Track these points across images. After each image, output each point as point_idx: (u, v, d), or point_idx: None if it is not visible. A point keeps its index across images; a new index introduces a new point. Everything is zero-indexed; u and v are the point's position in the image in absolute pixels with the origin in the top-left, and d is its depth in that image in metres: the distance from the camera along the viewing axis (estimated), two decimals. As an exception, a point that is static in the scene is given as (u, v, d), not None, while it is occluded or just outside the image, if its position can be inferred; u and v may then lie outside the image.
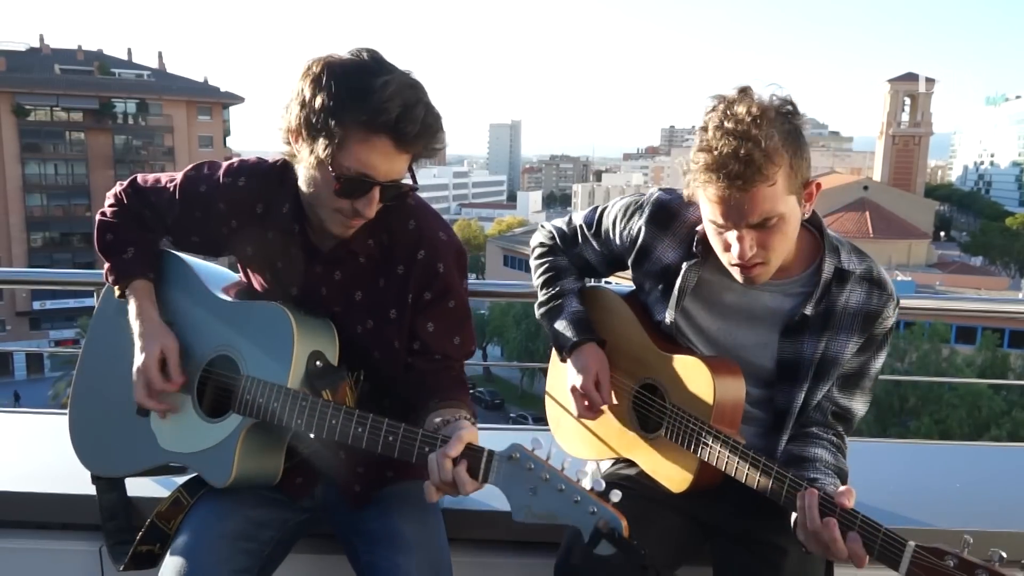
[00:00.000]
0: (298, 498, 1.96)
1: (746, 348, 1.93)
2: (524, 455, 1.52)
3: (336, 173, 1.67)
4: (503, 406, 39.65)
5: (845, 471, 1.88)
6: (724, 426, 1.83)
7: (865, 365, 1.93)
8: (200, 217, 1.94)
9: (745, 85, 1.73)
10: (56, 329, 48.69)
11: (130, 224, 2.00)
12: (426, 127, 1.65)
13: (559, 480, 1.48)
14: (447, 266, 1.89)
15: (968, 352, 34.17)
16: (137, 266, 1.96)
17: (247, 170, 1.93)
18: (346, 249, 1.86)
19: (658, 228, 1.99)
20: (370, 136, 1.63)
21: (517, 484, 1.51)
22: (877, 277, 1.89)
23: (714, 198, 1.72)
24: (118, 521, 2.08)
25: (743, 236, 1.74)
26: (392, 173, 1.70)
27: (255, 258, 1.95)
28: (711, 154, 1.67)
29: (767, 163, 1.65)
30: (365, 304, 1.89)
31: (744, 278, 1.82)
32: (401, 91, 1.62)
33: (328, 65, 1.65)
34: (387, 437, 1.65)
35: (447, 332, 1.91)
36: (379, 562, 1.79)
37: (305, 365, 1.76)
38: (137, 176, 2.06)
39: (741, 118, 1.66)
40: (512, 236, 62.99)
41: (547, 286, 2.20)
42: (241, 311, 1.90)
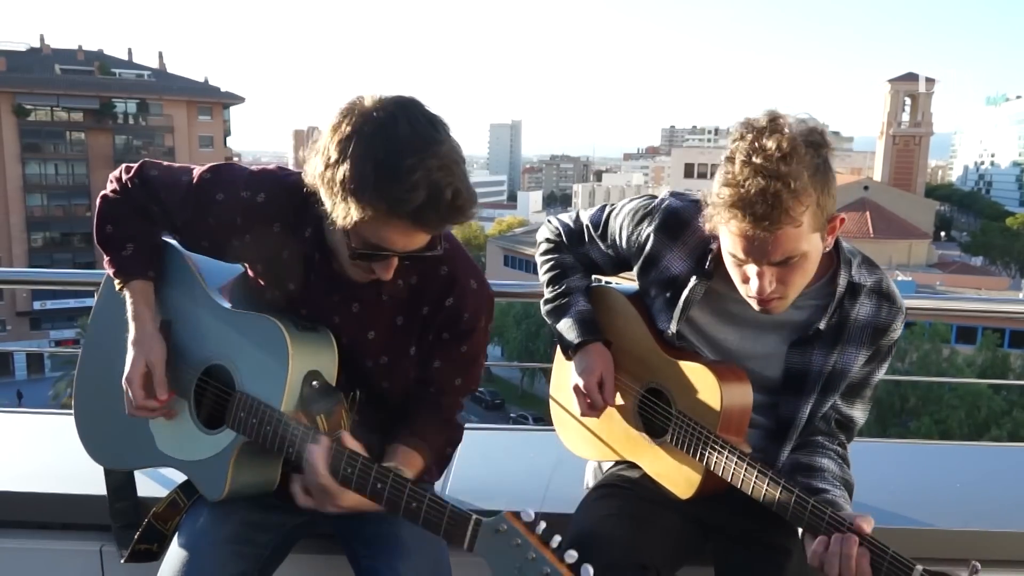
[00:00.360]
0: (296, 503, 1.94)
1: (753, 359, 1.91)
2: (511, 528, 1.46)
3: (352, 242, 1.62)
4: (503, 406, 39.64)
5: (851, 483, 1.88)
6: (731, 434, 1.82)
7: (869, 375, 1.92)
8: (213, 224, 1.83)
9: (775, 112, 1.66)
10: (56, 329, 48.71)
11: (133, 216, 1.89)
12: (453, 211, 1.55)
13: (545, 563, 1.42)
14: (473, 315, 1.84)
15: (968, 352, 34.16)
16: (136, 265, 1.89)
17: (268, 184, 1.82)
18: (373, 286, 1.77)
19: (667, 237, 1.96)
20: (390, 219, 1.55)
21: (503, 558, 1.46)
22: (887, 290, 1.88)
23: (737, 233, 1.66)
24: (125, 503, 2.08)
25: (763, 272, 1.70)
26: (412, 246, 1.63)
27: (266, 273, 1.88)
28: (736, 190, 1.60)
29: (795, 204, 1.59)
30: (378, 343, 1.84)
31: (761, 310, 1.79)
32: (429, 176, 1.50)
33: (357, 126, 1.54)
34: (375, 484, 1.60)
35: (452, 373, 1.88)
36: (378, 567, 1.78)
37: (300, 388, 1.72)
38: (146, 162, 1.92)
39: (770, 153, 1.58)
40: (512, 236, 62.91)
41: (553, 283, 2.18)
42: (239, 321, 1.82)
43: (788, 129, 1.63)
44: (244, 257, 1.89)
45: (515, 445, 3.02)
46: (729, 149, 1.66)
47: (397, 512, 1.58)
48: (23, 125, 51.89)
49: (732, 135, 1.68)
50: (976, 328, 35.61)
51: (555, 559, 1.42)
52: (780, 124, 1.63)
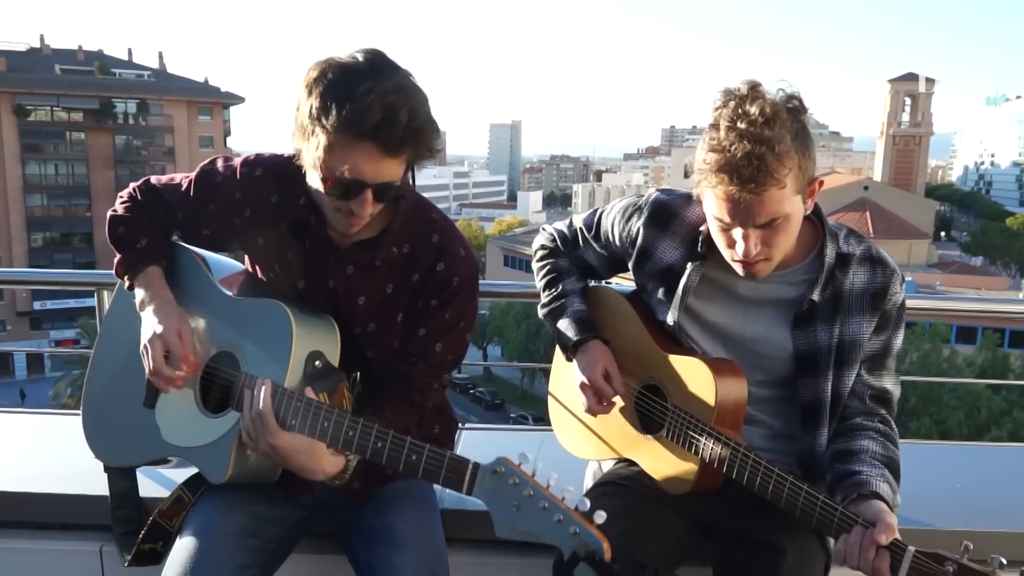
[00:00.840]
0: (298, 494, 1.96)
1: (757, 341, 1.92)
2: (509, 470, 1.51)
3: (325, 176, 1.69)
4: (503, 406, 39.68)
5: (896, 460, 1.85)
6: (726, 427, 1.83)
7: (886, 345, 1.92)
8: (214, 209, 1.95)
9: (754, 80, 1.73)
10: (56, 329, 48.71)
11: (142, 217, 2.01)
12: (412, 132, 1.65)
13: (542, 497, 1.47)
14: (461, 280, 1.90)
15: (968, 352, 34.16)
16: (150, 254, 1.97)
17: (263, 162, 1.95)
18: (369, 253, 1.87)
19: (657, 228, 2.00)
20: (352, 142, 1.64)
21: (501, 499, 1.50)
22: (877, 255, 1.90)
23: (722, 196, 1.71)
24: (127, 510, 2.09)
25: (748, 235, 1.75)
26: (382, 176, 1.70)
27: (266, 249, 1.95)
28: (723, 155, 1.66)
29: (779, 166, 1.65)
30: (368, 308, 1.90)
31: (746, 274, 1.83)
32: (383, 97, 1.61)
33: (323, 69, 1.67)
34: (376, 443, 1.65)
35: (433, 338, 1.90)
36: (376, 560, 1.80)
37: (303, 366, 1.77)
38: (151, 177, 2.09)
39: (754, 118, 1.65)
40: (512, 236, 62.97)
41: (549, 287, 2.21)
42: (244, 308, 1.91)
43: (768, 96, 1.70)
44: (245, 236, 1.96)
45: (515, 445, 3.02)
46: (712, 116, 1.72)
47: (398, 467, 1.64)
48: (23, 125, 51.90)
49: (714, 103, 1.74)
50: (976, 328, 35.61)
51: (551, 494, 1.47)
52: (760, 91, 1.71)
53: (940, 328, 33.66)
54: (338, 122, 1.62)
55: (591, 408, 2.04)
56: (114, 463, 2.07)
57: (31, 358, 45.75)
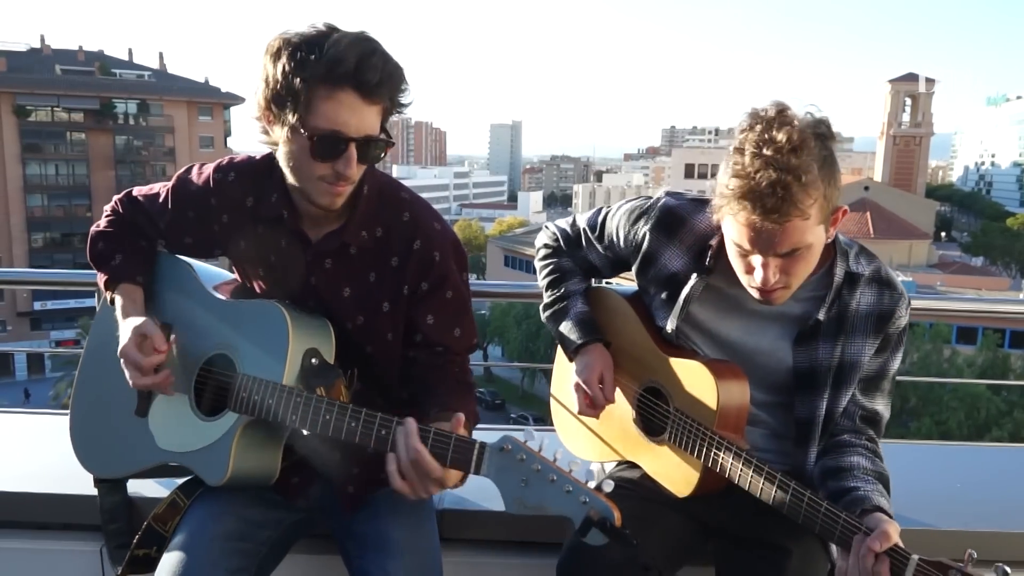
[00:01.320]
0: (293, 499, 1.95)
1: (758, 354, 1.91)
2: (516, 446, 1.52)
3: (308, 134, 1.67)
4: (504, 406, 39.63)
5: (886, 475, 1.85)
6: (728, 431, 1.82)
7: (883, 367, 1.91)
8: (193, 217, 1.96)
9: (783, 104, 1.67)
10: (57, 329, 48.69)
11: (122, 232, 2.02)
12: (387, 75, 1.67)
13: (550, 470, 1.48)
14: (443, 255, 1.88)
15: (969, 352, 34.14)
16: (124, 270, 1.97)
17: (236, 166, 1.95)
18: (339, 239, 1.85)
19: (664, 235, 1.96)
20: (333, 90, 1.64)
21: (509, 475, 1.51)
22: (886, 277, 1.87)
23: (745, 224, 1.66)
24: (119, 524, 2.09)
25: (768, 263, 1.70)
26: (364, 127, 1.69)
27: (248, 254, 1.95)
28: (747, 182, 1.61)
29: (804, 197, 1.60)
30: (354, 300, 1.88)
31: (763, 300, 1.79)
32: (356, 43, 1.64)
33: (283, 39, 1.68)
34: (379, 431, 1.65)
35: (447, 324, 1.90)
36: (368, 567, 1.80)
37: (300, 362, 1.76)
38: (133, 189, 2.09)
39: (780, 145, 1.59)
40: (513, 236, 62.94)
41: (552, 288, 2.20)
42: (238, 310, 1.90)
43: (797, 121, 1.63)
44: (226, 242, 1.96)
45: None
46: (737, 140, 1.66)
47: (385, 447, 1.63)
48: (23, 125, 51.89)
49: (740, 125, 1.68)
50: (976, 328, 35.58)
51: (559, 467, 1.47)
52: (789, 116, 1.64)
53: (940, 328, 33.64)
54: (316, 70, 1.62)
55: (581, 410, 2.04)
56: (106, 474, 2.06)
57: (31, 358, 45.73)
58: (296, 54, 1.64)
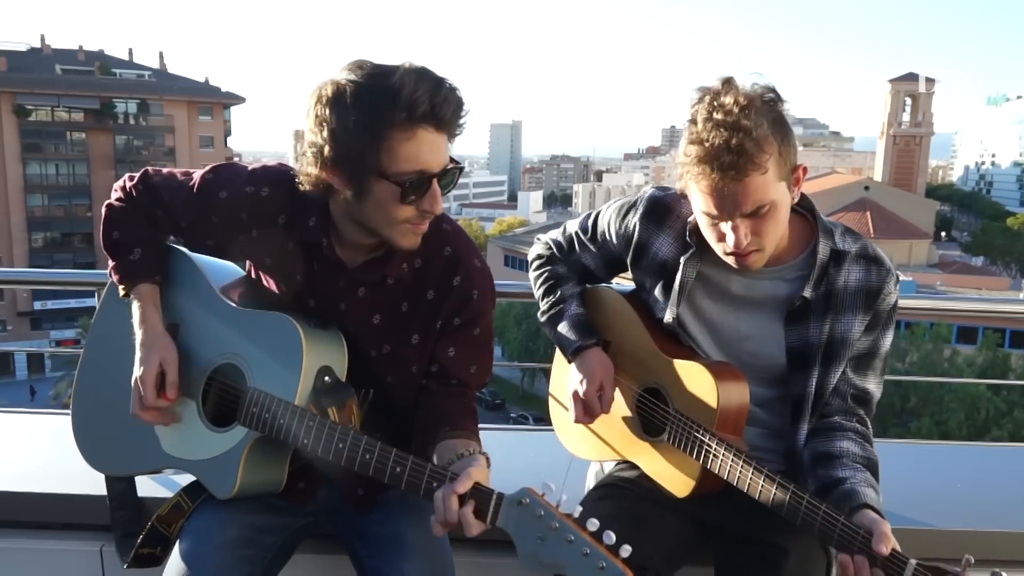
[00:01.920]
0: (301, 503, 1.94)
1: (752, 339, 1.92)
2: (534, 501, 1.48)
3: (394, 180, 1.62)
4: (504, 406, 39.65)
5: (875, 461, 1.86)
6: (728, 432, 1.82)
7: (874, 344, 1.92)
8: (218, 223, 1.87)
9: (728, 76, 1.75)
10: (57, 329, 48.70)
11: (139, 222, 1.92)
12: (458, 104, 1.64)
13: (569, 531, 1.44)
14: (481, 294, 1.85)
15: (969, 352, 34.15)
16: (143, 269, 1.90)
17: (271, 179, 1.84)
18: (379, 271, 1.81)
19: (653, 224, 2.00)
20: (413, 131, 1.59)
21: (525, 530, 1.48)
22: (873, 254, 1.90)
23: (707, 189, 1.72)
24: (127, 511, 2.07)
25: (737, 226, 1.75)
26: (442, 161, 1.66)
27: (273, 267, 1.89)
28: (703, 146, 1.68)
29: (758, 151, 1.67)
30: (383, 328, 1.84)
31: (740, 266, 1.82)
32: (422, 79, 1.59)
33: (338, 84, 1.60)
34: (394, 468, 1.62)
35: (467, 359, 1.87)
36: (383, 567, 1.78)
37: (313, 382, 1.73)
38: (148, 169, 1.96)
39: (729, 108, 1.67)
40: (513, 236, 63.02)
41: (548, 294, 2.20)
42: (250, 320, 1.84)
43: (743, 88, 1.72)
44: (250, 252, 1.91)
45: (515, 445, 3.02)
46: (689, 112, 1.74)
47: (418, 493, 1.61)
48: (24, 125, 51.89)
49: (691, 100, 1.75)
50: (977, 328, 35.60)
51: (578, 527, 1.45)
52: (734, 84, 1.73)
53: (941, 328, 33.65)
54: (395, 115, 1.56)
55: (577, 419, 2.04)
56: (109, 472, 2.05)
57: (32, 358, 45.74)
58: (367, 102, 1.57)
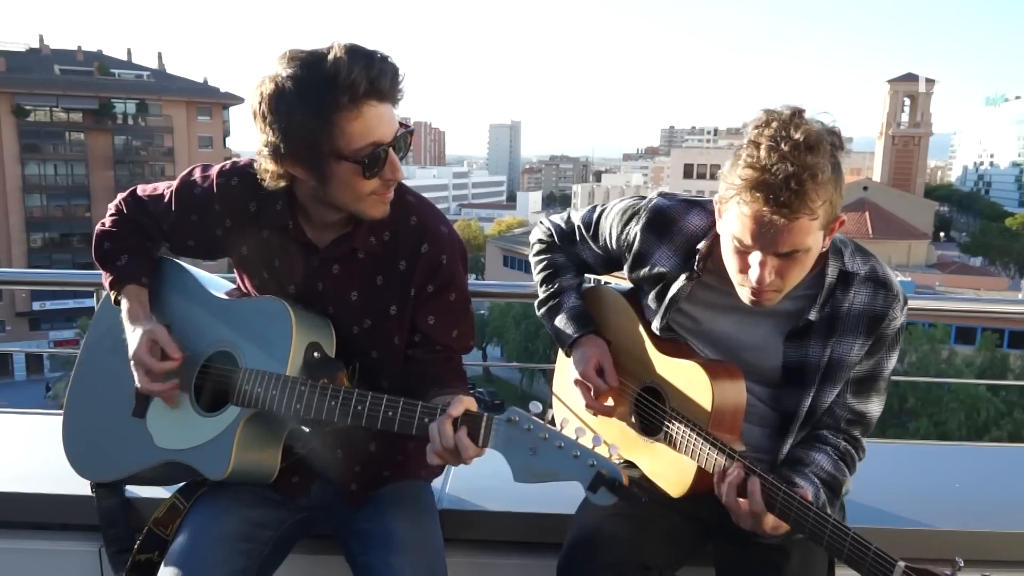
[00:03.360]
0: (294, 497, 1.96)
1: (749, 350, 1.91)
2: (523, 416, 1.55)
3: (352, 158, 1.67)
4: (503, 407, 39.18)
5: (840, 480, 1.86)
6: (723, 432, 1.82)
7: (877, 367, 1.90)
8: (196, 220, 1.96)
9: (797, 108, 1.67)
10: (56, 330, 48.66)
11: (127, 232, 2.02)
12: (393, 72, 1.67)
13: (558, 437, 1.50)
14: (450, 258, 1.90)
15: (968, 353, 34.14)
16: (131, 271, 1.98)
17: (239, 171, 1.93)
18: (347, 245, 1.86)
19: (654, 236, 1.97)
20: (359, 109, 1.64)
21: (517, 446, 1.54)
22: (882, 278, 1.86)
23: (751, 216, 1.64)
24: (118, 529, 2.08)
25: (765, 262, 1.69)
26: (392, 129, 1.71)
27: (251, 258, 1.95)
28: (762, 174, 1.60)
29: (816, 196, 1.60)
30: (361, 303, 1.89)
31: (752, 302, 1.77)
32: (352, 57, 1.62)
33: (277, 79, 1.64)
34: (387, 412, 1.66)
35: (447, 325, 1.92)
36: (373, 562, 1.79)
37: (303, 356, 1.78)
38: (138, 187, 2.08)
39: (798, 143, 1.59)
40: (512, 236, 62.93)
41: (546, 283, 2.20)
42: (240, 307, 1.92)
43: (812, 124, 1.65)
44: (229, 246, 1.96)
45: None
46: (751, 134, 1.66)
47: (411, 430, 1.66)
48: (22, 125, 51.82)
49: (754, 122, 1.68)
50: (975, 328, 35.59)
51: (565, 434, 1.50)
52: (804, 118, 1.66)
53: (939, 329, 33.63)
54: (339, 100, 1.61)
55: (588, 404, 2.03)
56: (101, 478, 2.06)
57: (30, 358, 45.69)
58: (306, 93, 1.62)
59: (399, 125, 1.74)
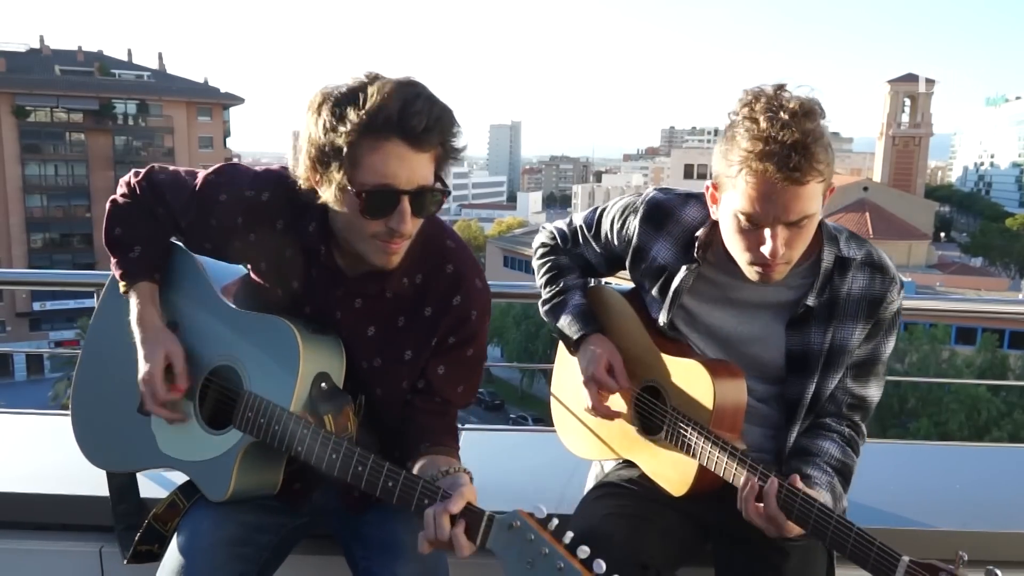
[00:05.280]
0: (296, 505, 1.94)
1: (752, 342, 1.92)
2: (525, 524, 1.46)
3: (356, 191, 1.59)
4: (503, 407, 39.67)
5: (850, 466, 1.87)
6: (724, 430, 1.82)
7: (876, 350, 1.92)
8: (215, 226, 1.86)
9: (781, 82, 1.70)
10: (56, 330, 48.68)
11: (140, 219, 1.92)
12: (435, 119, 1.58)
13: (559, 557, 1.42)
14: (480, 314, 1.84)
15: (968, 353, 34.16)
16: (143, 267, 1.91)
17: (273, 183, 1.83)
18: (379, 284, 1.79)
19: (652, 228, 1.99)
20: (379, 141, 1.56)
21: (515, 554, 1.46)
22: (878, 261, 1.88)
23: (758, 188, 1.65)
24: (128, 505, 2.07)
25: (777, 233, 1.69)
26: (415, 178, 1.60)
27: (269, 272, 1.88)
28: (768, 144, 1.61)
29: (824, 157, 1.64)
30: (376, 341, 1.83)
31: (762, 277, 1.77)
32: (397, 88, 1.56)
33: (325, 92, 1.61)
34: (387, 482, 1.61)
35: (456, 378, 1.86)
36: (376, 569, 1.78)
37: (309, 388, 1.73)
38: (155, 166, 1.96)
39: (794, 110, 1.62)
40: (512, 237, 62.98)
41: (550, 284, 2.21)
42: (249, 322, 1.83)
43: (798, 95, 1.68)
44: (247, 257, 1.90)
45: (515, 446, 3.02)
46: (743, 112, 1.68)
47: (409, 507, 1.60)
48: (23, 126, 51.86)
49: (743, 100, 1.69)
50: (975, 329, 35.61)
51: (568, 554, 1.43)
52: (789, 91, 1.69)
53: (939, 329, 33.65)
54: (357, 123, 1.54)
55: (596, 406, 2.01)
56: (107, 468, 2.06)
57: (31, 359, 45.71)
58: (337, 108, 1.56)
59: (436, 182, 1.65)
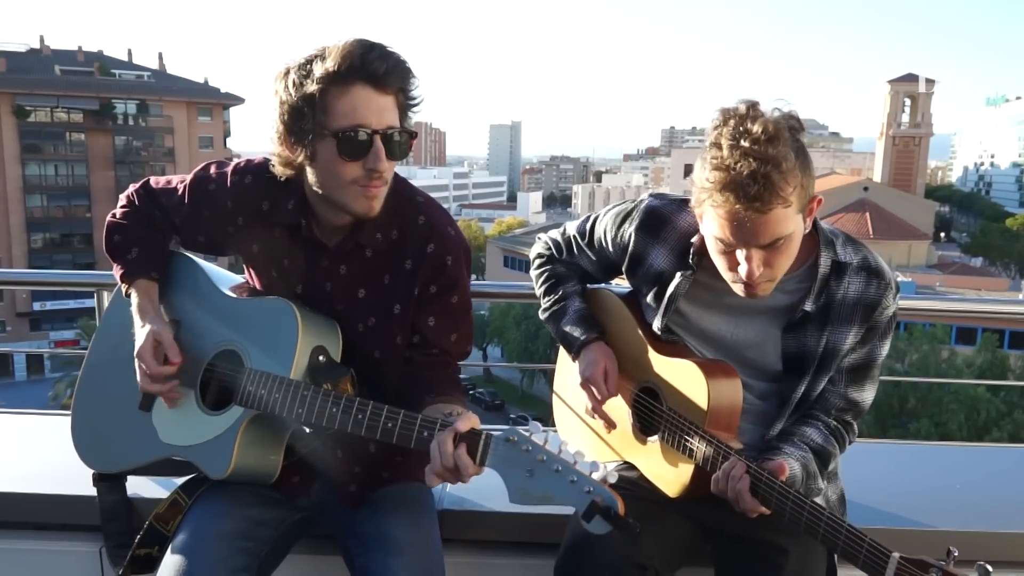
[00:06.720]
0: (295, 497, 1.97)
1: (748, 346, 1.93)
2: (521, 437, 1.53)
3: (331, 133, 1.68)
4: (503, 407, 39.65)
5: (829, 451, 1.89)
6: (720, 430, 1.83)
7: (871, 355, 1.93)
8: (208, 216, 1.97)
9: (752, 100, 1.70)
10: (56, 330, 48.65)
11: (138, 225, 2.03)
12: (393, 63, 1.69)
13: (555, 461, 1.49)
14: (455, 260, 1.90)
15: (968, 353, 34.13)
16: (141, 266, 1.99)
17: (253, 169, 1.95)
18: (354, 242, 1.87)
19: (648, 235, 1.99)
20: (346, 87, 1.66)
21: (514, 466, 1.52)
22: (874, 266, 1.89)
23: (727, 216, 1.68)
24: (119, 523, 2.09)
25: (751, 256, 1.72)
26: (384, 119, 1.71)
27: (260, 256, 1.97)
28: (727, 173, 1.63)
29: (784, 184, 1.63)
30: (368, 302, 1.90)
31: (747, 294, 1.80)
32: (355, 42, 1.68)
33: (287, 63, 1.73)
34: (386, 423, 1.66)
35: (447, 327, 1.92)
36: (371, 564, 1.80)
37: (308, 359, 1.78)
38: (150, 179, 2.09)
39: (757, 136, 1.63)
40: (512, 237, 63.01)
41: (549, 293, 2.22)
42: (247, 307, 1.93)
43: (769, 114, 1.68)
44: (239, 241, 1.97)
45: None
46: (712, 136, 1.70)
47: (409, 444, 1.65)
48: (23, 126, 51.82)
49: (712, 123, 1.72)
50: (975, 329, 35.59)
51: (563, 458, 1.48)
52: (760, 110, 1.69)
53: (939, 329, 33.63)
54: (323, 74, 1.65)
55: (593, 407, 2.05)
56: (105, 469, 2.07)
57: (31, 359, 45.68)
58: (301, 69, 1.69)
59: (402, 127, 1.75)
